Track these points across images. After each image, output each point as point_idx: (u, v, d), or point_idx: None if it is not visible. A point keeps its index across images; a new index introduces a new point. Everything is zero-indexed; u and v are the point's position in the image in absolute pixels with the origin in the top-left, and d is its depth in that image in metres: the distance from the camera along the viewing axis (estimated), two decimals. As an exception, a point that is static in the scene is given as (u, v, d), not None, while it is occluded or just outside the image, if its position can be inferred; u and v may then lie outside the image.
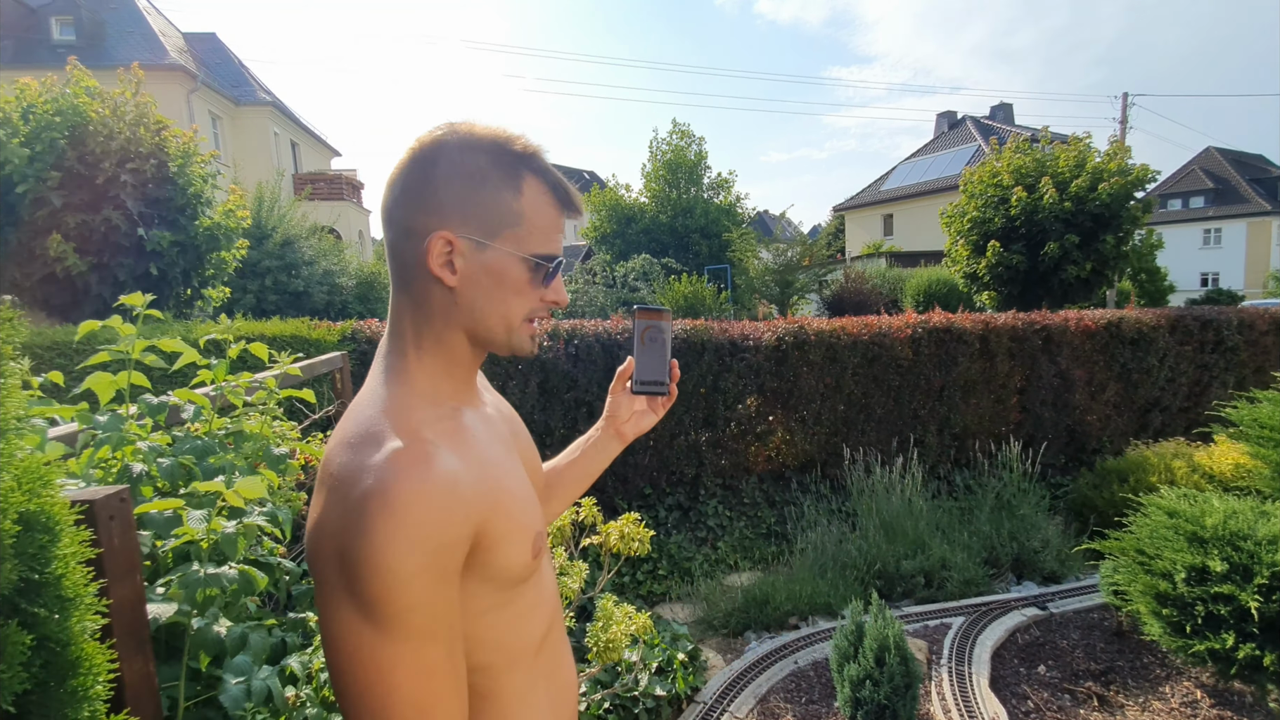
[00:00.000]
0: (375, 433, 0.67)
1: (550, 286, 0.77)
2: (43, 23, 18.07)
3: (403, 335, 0.76)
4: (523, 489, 0.77)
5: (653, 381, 1.00)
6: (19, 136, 4.25)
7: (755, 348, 4.44)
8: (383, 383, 0.74)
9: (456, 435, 0.72)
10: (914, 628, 3.26)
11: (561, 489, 1.06)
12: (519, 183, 0.73)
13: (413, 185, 0.72)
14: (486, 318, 0.75)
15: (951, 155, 26.61)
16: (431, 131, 0.74)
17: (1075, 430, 5.60)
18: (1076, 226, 7.40)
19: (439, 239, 0.71)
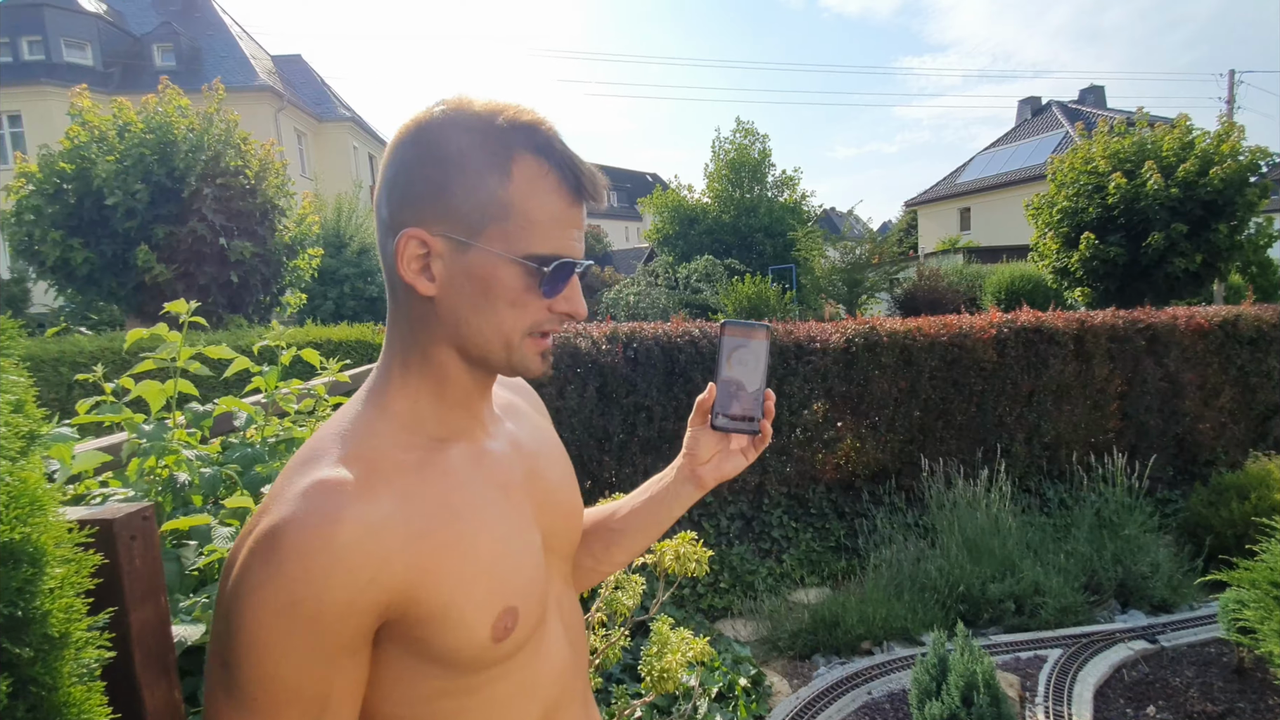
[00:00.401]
0: (315, 456, 0.58)
1: (559, 295, 0.63)
2: (146, 50, 19.66)
3: (391, 350, 0.65)
4: (497, 553, 0.63)
5: (741, 417, 0.79)
6: (114, 154, 4.55)
7: (822, 350, 4.21)
8: (360, 399, 0.64)
9: (417, 474, 0.60)
10: (1003, 659, 2.97)
11: (626, 538, 0.88)
12: (506, 164, 0.59)
13: (390, 173, 0.61)
14: (478, 332, 0.62)
15: (1035, 143, 25.01)
16: (416, 112, 0.62)
17: (1185, 440, 5.07)
18: (1184, 215, 6.71)
19: (409, 238, 0.59)
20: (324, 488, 0.54)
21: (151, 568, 1.05)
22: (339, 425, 0.62)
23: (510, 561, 0.64)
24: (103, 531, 0.99)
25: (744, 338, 0.80)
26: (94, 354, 3.71)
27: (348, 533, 0.53)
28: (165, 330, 1.44)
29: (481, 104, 0.61)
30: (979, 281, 14.26)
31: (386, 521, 0.55)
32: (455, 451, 0.64)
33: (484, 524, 0.63)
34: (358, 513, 0.54)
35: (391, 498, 0.56)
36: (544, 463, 0.76)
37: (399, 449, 0.61)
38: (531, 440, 0.77)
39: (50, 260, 5.02)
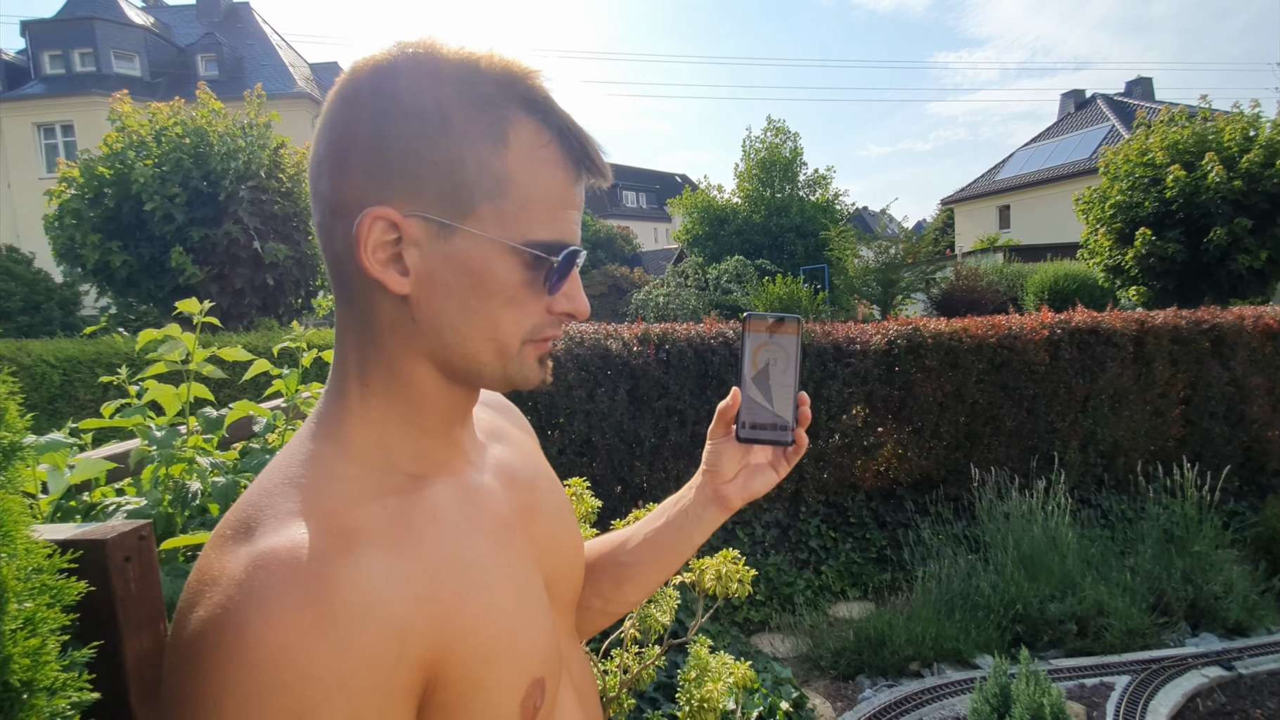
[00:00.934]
0: (257, 516, 0.43)
1: (561, 291, 0.51)
2: (190, 60, 20.31)
3: (344, 366, 0.51)
4: (514, 613, 0.50)
5: (768, 425, 0.67)
6: (152, 158, 4.61)
7: (863, 352, 4.03)
8: (308, 435, 0.50)
9: (402, 524, 0.46)
10: (1066, 686, 2.76)
11: (639, 572, 0.73)
12: (503, 127, 0.46)
13: (339, 134, 0.47)
14: (467, 340, 0.49)
15: (1079, 138, 24.16)
16: (371, 55, 0.48)
17: (1252, 448, 4.77)
18: (1249, 209, 6.32)
19: (374, 220, 0.45)
20: (289, 553, 0.40)
21: (149, 592, 0.96)
22: (285, 470, 0.47)
23: (528, 622, 0.51)
24: (94, 553, 0.90)
25: (771, 333, 0.68)
26: (128, 355, 3.74)
27: (348, 605, 0.39)
28: (178, 331, 1.36)
29: (456, 50, 0.47)
30: (1020, 281, 13.78)
31: (387, 582, 0.42)
32: (439, 491, 0.51)
33: (495, 580, 0.50)
34: (349, 577, 0.40)
35: (381, 554, 0.43)
36: (540, 495, 0.63)
37: (371, 494, 0.47)
38: (523, 468, 0.63)
39: (91, 263, 5.13)
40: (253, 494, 0.46)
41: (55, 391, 4.22)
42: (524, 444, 0.68)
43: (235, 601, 0.38)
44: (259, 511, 0.44)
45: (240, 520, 0.44)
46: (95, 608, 0.90)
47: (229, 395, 3.47)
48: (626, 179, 45.11)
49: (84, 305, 13.31)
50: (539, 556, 0.59)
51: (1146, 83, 28.27)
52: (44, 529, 0.95)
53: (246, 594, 0.38)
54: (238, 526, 0.44)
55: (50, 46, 19.42)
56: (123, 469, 1.39)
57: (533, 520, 0.60)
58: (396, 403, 0.51)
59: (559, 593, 0.63)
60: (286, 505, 0.44)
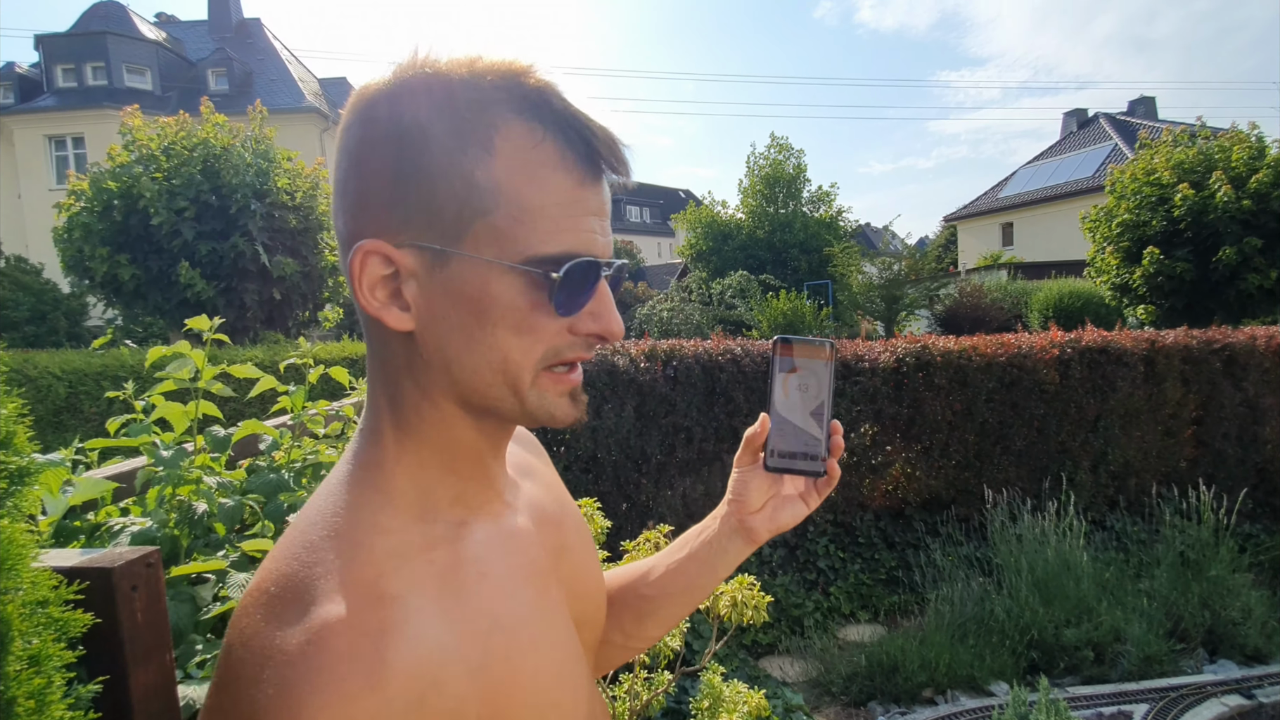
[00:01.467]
0: (308, 577, 0.40)
1: (583, 309, 0.46)
2: (201, 75, 20.53)
3: (377, 406, 0.48)
4: (558, 675, 0.47)
5: (798, 454, 0.63)
6: (160, 171, 4.63)
7: (871, 370, 4.00)
8: (346, 479, 0.47)
9: (452, 581, 0.44)
10: (1084, 715, 2.69)
11: (661, 606, 0.69)
12: (488, 133, 0.42)
13: (340, 168, 0.45)
14: (474, 374, 0.45)
15: (1082, 157, 24.25)
16: (365, 83, 0.46)
17: (1266, 470, 4.71)
18: (1258, 228, 6.30)
19: (364, 254, 0.43)
20: (349, 630, 0.37)
21: (155, 621, 0.93)
22: (330, 522, 0.44)
23: (571, 680, 0.49)
24: (100, 582, 0.87)
25: (802, 357, 0.64)
26: (135, 368, 3.72)
27: (406, 689, 0.37)
28: (187, 348, 1.34)
29: (447, 61, 0.44)
30: (1025, 299, 13.75)
31: (445, 659, 0.40)
32: (481, 538, 0.48)
33: (540, 639, 0.47)
34: (408, 657, 0.38)
35: (436, 622, 0.41)
36: (568, 533, 0.60)
37: (420, 548, 0.44)
38: (551, 504, 0.60)
39: (99, 275, 5.14)
40: (297, 548, 0.43)
41: (61, 404, 4.20)
42: (549, 478, 0.65)
43: (291, 684, 0.36)
44: (308, 572, 0.41)
45: (292, 585, 0.41)
46: (101, 639, 0.87)
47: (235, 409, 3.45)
48: (630, 194, 45.13)
49: (90, 316, 13.36)
50: (570, 601, 0.56)
51: (1149, 102, 28.44)
52: (49, 555, 0.93)
53: (304, 676, 0.36)
54: (289, 591, 0.40)
55: (63, 60, 19.67)
56: (129, 488, 1.37)
57: (564, 562, 0.57)
58: (431, 445, 0.48)
59: (584, 637, 0.60)
60: (336, 564, 0.41)
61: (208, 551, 1.28)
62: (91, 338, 12.55)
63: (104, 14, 21.01)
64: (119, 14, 21.07)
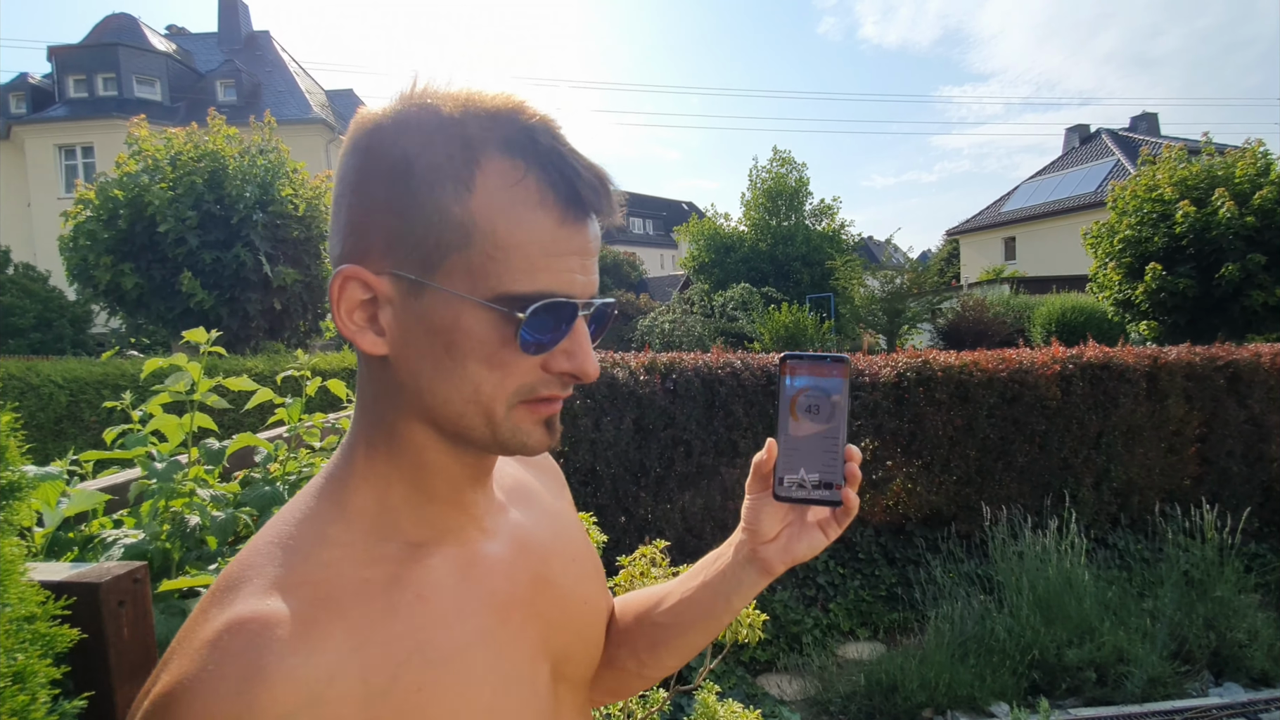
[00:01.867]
0: (241, 578, 0.42)
1: (556, 348, 0.45)
2: (210, 86, 20.77)
3: (356, 424, 0.50)
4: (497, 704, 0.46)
5: (813, 484, 0.58)
6: (166, 181, 4.68)
7: (872, 384, 3.99)
8: (312, 491, 0.48)
9: (382, 599, 0.44)
10: (1086, 737, 2.66)
11: (676, 636, 0.66)
12: (468, 171, 0.42)
13: (336, 194, 0.47)
14: (446, 403, 0.45)
15: (1084, 172, 24.30)
16: (367, 110, 0.47)
17: (1273, 489, 4.66)
18: (1262, 245, 6.29)
19: (344, 280, 0.44)
20: (244, 631, 0.38)
21: (142, 637, 0.92)
22: (280, 529, 0.45)
23: (507, 716, 0.48)
24: (87, 597, 0.87)
25: (812, 375, 0.59)
26: (135, 377, 3.74)
27: (276, 702, 0.37)
28: (184, 360, 1.35)
29: (442, 94, 0.45)
30: (1027, 313, 13.72)
31: (335, 678, 0.39)
32: (437, 562, 0.48)
33: (475, 670, 0.46)
34: (290, 670, 0.38)
35: (344, 641, 0.41)
36: (557, 564, 0.58)
37: (360, 563, 0.44)
38: (544, 533, 0.59)
39: (102, 283, 5.18)
40: (246, 551, 0.45)
41: (62, 412, 4.22)
42: (551, 506, 0.64)
43: (183, 678, 0.38)
44: (243, 572, 0.43)
45: (227, 580, 0.43)
46: (87, 654, 0.87)
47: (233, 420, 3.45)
48: (634, 206, 45.59)
49: (95, 324, 13.43)
50: (547, 632, 0.55)
51: (1152, 118, 28.54)
52: (38, 569, 0.92)
53: (191, 674, 0.38)
54: (223, 586, 0.43)
55: (75, 71, 19.93)
56: (123, 499, 1.37)
57: (544, 594, 0.55)
58: (399, 466, 0.48)
59: (569, 672, 0.58)
60: (269, 569, 0.42)
61: (200, 565, 1.27)
62: (96, 345, 12.61)
63: (116, 25, 21.33)
64: (131, 26, 21.38)
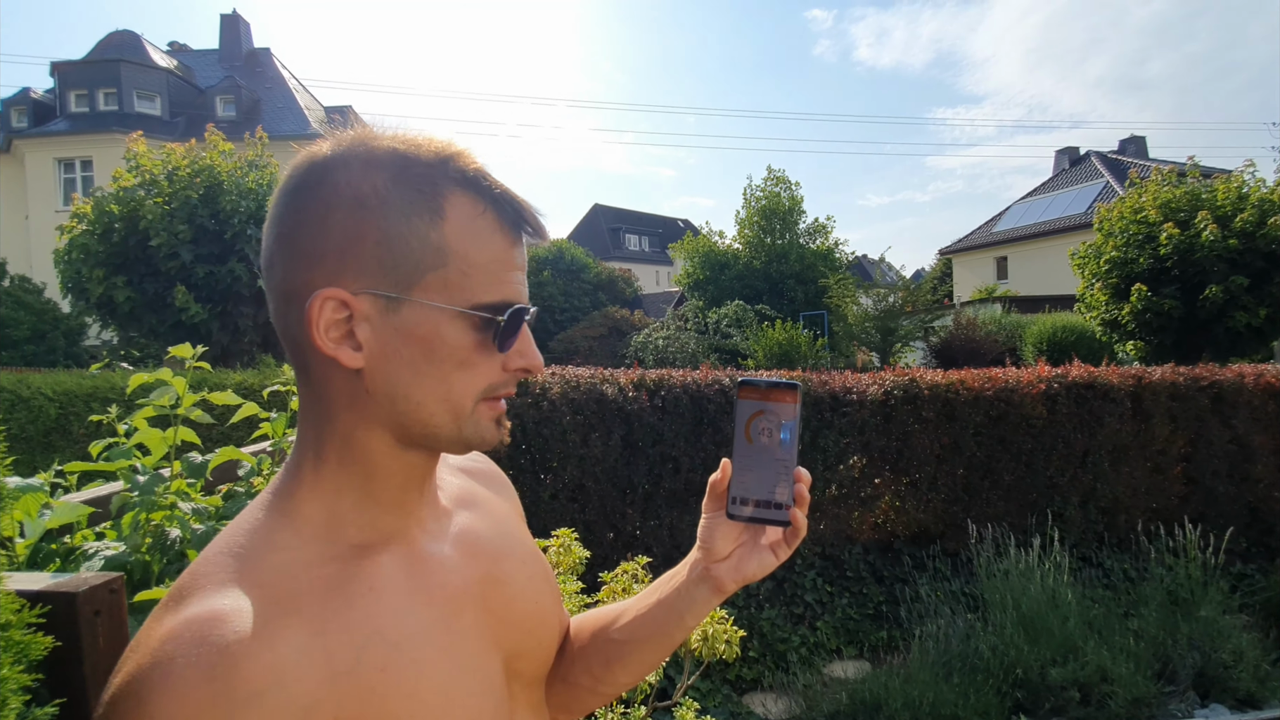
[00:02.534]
0: (192, 584, 0.45)
1: (513, 348, 0.53)
2: (209, 102, 20.93)
3: (303, 441, 0.53)
4: (446, 694, 0.49)
5: (762, 503, 0.61)
6: (162, 195, 4.72)
7: (860, 402, 4.02)
8: (259, 505, 0.52)
9: (336, 593, 0.47)
10: (1069, 757, 2.65)
11: (630, 652, 0.68)
12: (438, 202, 0.50)
13: (285, 227, 0.50)
14: (420, 406, 0.51)
15: (1074, 193, 24.64)
16: (310, 149, 0.52)
17: (1258, 509, 4.68)
18: (1244, 267, 6.40)
19: (324, 301, 0.48)
20: (203, 624, 0.41)
21: (117, 647, 0.93)
22: (229, 540, 0.48)
23: (463, 701, 0.50)
24: (64, 606, 0.88)
25: (767, 400, 0.62)
26: (124, 390, 3.73)
27: (245, 682, 0.39)
28: (169, 375, 1.37)
29: (390, 138, 0.52)
30: (1019, 332, 13.83)
31: (299, 660, 0.42)
32: (384, 561, 0.52)
33: (430, 655, 0.50)
34: (255, 653, 0.40)
35: (303, 629, 0.44)
36: (508, 565, 0.62)
37: (308, 565, 0.48)
38: (491, 536, 0.62)
39: (94, 296, 5.20)
40: (195, 563, 0.47)
41: (51, 425, 4.22)
42: (499, 511, 0.67)
43: (144, 671, 0.40)
44: (195, 580, 0.45)
45: (178, 588, 0.46)
46: (61, 663, 0.88)
47: (219, 435, 3.46)
48: (630, 223, 45.88)
49: (88, 336, 13.41)
50: (499, 630, 0.58)
51: (1140, 141, 29.02)
52: (16, 579, 0.94)
53: (154, 665, 0.40)
54: (175, 595, 0.45)
55: (77, 86, 20.08)
56: (106, 512, 1.38)
57: (495, 592, 0.59)
58: (350, 473, 0.52)
59: (521, 668, 0.61)
60: (220, 575, 0.45)
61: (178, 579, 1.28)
62: (89, 357, 12.58)
63: (119, 42, 21.53)
64: (133, 42, 21.59)
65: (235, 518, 0.51)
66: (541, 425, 3.55)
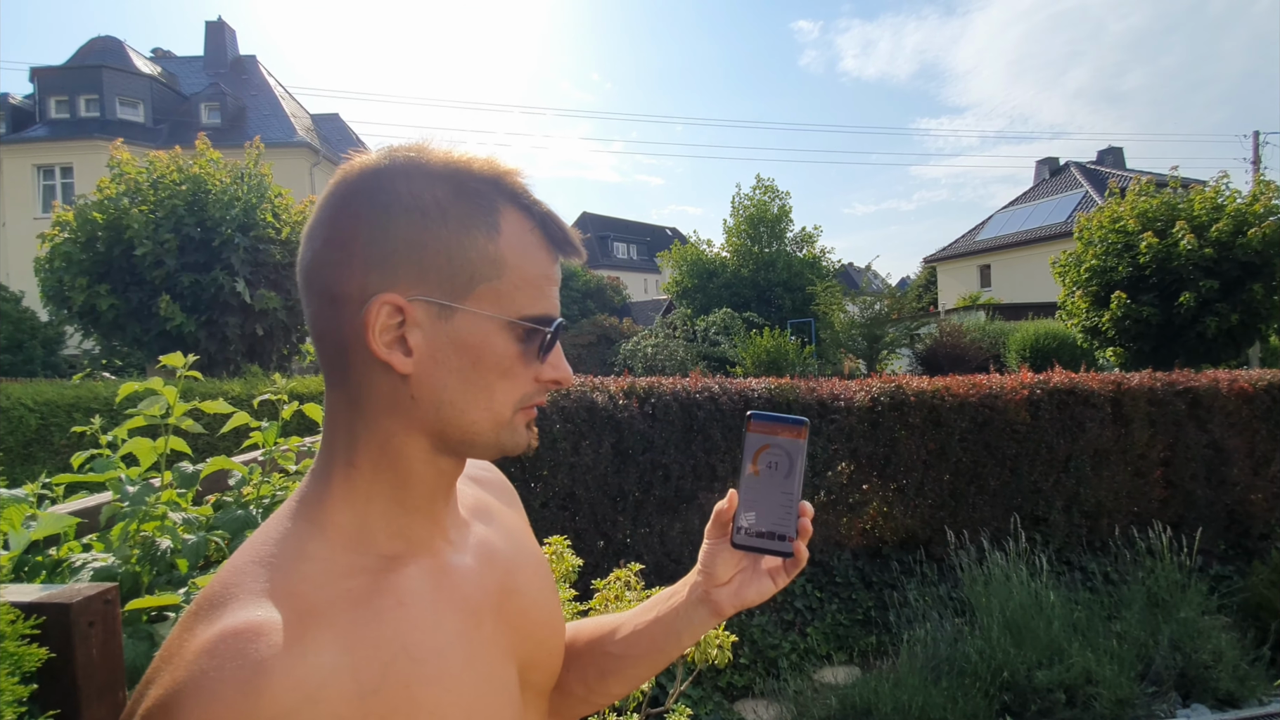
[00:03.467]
0: (225, 595, 0.45)
1: (548, 361, 0.55)
2: (194, 108, 20.77)
3: (332, 446, 0.54)
4: (473, 708, 0.50)
5: (766, 533, 0.64)
6: (148, 204, 4.67)
7: (847, 409, 4.06)
8: (288, 513, 0.52)
9: (366, 607, 0.47)
10: (1056, 759, 2.68)
11: (626, 666, 0.70)
12: (494, 217, 0.52)
13: (340, 231, 0.51)
14: (464, 413, 0.52)
15: (1055, 203, 25.09)
16: (364, 158, 0.53)
17: (1235, 511, 4.78)
18: (1220, 275, 6.55)
19: (382, 305, 0.49)
20: (238, 638, 0.41)
21: (111, 659, 0.94)
22: (259, 549, 0.49)
23: (486, 717, 0.51)
24: (58, 617, 0.88)
25: (774, 434, 0.65)
26: (108, 400, 3.69)
27: (277, 700, 0.40)
28: (160, 384, 1.37)
29: (444, 152, 0.54)
30: (1002, 339, 14.02)
31: (330, 678, 0.43)
32: (412, 572, 0.52)
33: (454, 669, 0.50)
34: (288, 669, 0.41)
35: (334, 644, 0.44)
36: (522, 576, 0.63)
37: (340, 575, 0.48)
38: (506, 548, 0.64)
39: (77, 305, 5.13)
40: (226, 571, 0.48)
41: (31, 436, 4.14)
42: (510, 522, 0.68)
43: (179, 684, 0.40)
44: (226, 590, 0.46)
45: (209, 598, 0.46)
46: (55, 673, 0.88)
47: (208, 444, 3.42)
48: (618, 231, 46.00)
49: (67, 345, 13.18)
50: (514, 641, 0.59)
51: (1117, 152, 29.66)
52: (8, 590, 0.93)
53: (189, 679, 0.40)
54: (206, 604, 0.45)
55: (58, 92, 19.83)
56: (93, 523, 1.37)
57: (510, 603, 0.60)
58: (383, 480, 0.53)
59: (534, 679, 0.62)
60: (253, 585, 0.45)
61: (170, 589, 1.28)
62: (67, 367, 12.36)
63: (101, 48, 21.32)
64: (116, 48, 21.38)
65: (261, 526, 0.52)
66: (532, 433, 3.55)
